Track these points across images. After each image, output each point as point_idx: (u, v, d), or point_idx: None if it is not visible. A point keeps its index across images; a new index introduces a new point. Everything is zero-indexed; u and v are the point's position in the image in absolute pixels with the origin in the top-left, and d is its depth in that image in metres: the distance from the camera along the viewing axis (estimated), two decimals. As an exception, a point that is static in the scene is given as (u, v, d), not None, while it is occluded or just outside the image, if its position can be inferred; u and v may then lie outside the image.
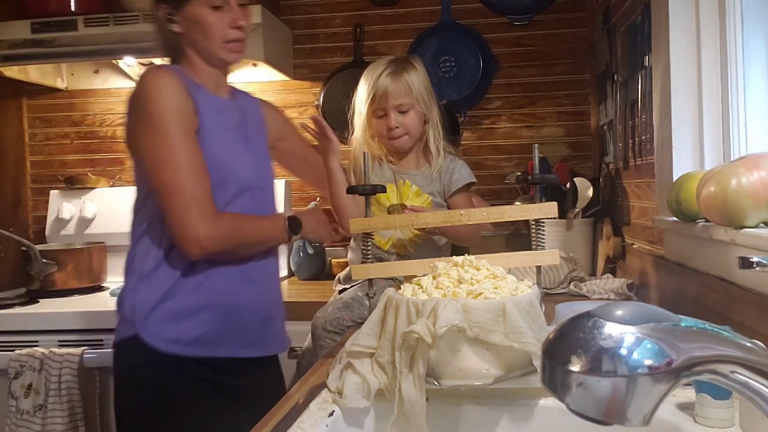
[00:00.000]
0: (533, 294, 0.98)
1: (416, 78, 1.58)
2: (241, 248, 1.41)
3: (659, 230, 1.53)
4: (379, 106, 1.60)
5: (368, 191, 1.16)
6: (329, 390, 1.00)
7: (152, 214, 1.39)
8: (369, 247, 1.17)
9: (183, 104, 1.34)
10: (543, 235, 1.14)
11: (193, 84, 1.41)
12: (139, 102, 1.35)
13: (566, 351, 0.45)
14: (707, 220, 1.16)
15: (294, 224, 1.46)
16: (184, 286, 1.38)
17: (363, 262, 1.18)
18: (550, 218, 1.63)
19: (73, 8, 2.34)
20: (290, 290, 2.31)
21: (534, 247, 1.14)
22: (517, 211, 1.13)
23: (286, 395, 1.05)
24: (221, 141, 1.41)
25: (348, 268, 1.65)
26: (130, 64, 2.57)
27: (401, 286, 1.05)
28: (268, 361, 1.53)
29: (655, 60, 1.54)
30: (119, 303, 1.44)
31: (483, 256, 1.09)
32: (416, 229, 1.54)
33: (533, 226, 1.14)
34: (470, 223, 1.16)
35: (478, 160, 2.63)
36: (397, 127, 1.60)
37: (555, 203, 1.14)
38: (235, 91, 1.57)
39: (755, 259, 0.77)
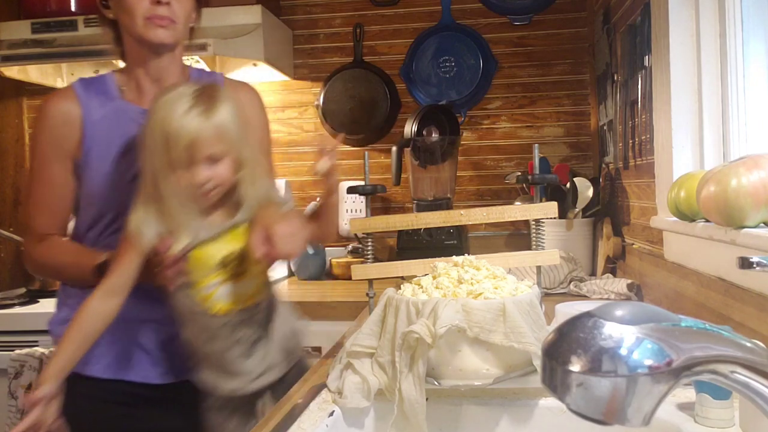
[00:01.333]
0: (533, 294, 0.98)
1: (229, 114, 1.15)
2: (61, 278, 1.40)
3: (659, 230, 1.53)
4: (182, 157, 1.13)
5: (368, 191, 1.16)
6: (329, 390, 1.00)
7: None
8: (369, 248, 1.17)
9: (59, 135, 1.30)
10: (543, 235, 1.14)
11: (105, 99, 1.31)
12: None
13: (566, 351, 0.45)
14: (707, 220, 1.16)
15: (105, 268, 1.23)
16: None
17: (363, 263, 1.18)
18: (550, 218, 1.64)
19: (73, 8, 2.34)
20: (290, 290, 2.31)
21: (534, 247, 1.14)
22: (517, 211, 1.13)
23: (286, 395, 1.05)
24: (117, 169, 1.28)
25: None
26: (130, 64, 2.57)
27: (401, 286, 1.05)
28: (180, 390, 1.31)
29: (655, 60, 1.54)
30: None
31: (483, 256, 1.09)
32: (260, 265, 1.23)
33: (533, 226, 1.14)
34: (470, 223, 1.16)
35: (478, 160, 2.63)
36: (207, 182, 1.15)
37: (555, 203, 1.14)
38: (196, 80, 1.37)
39: (755, 259, 0.77)
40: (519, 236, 2.55)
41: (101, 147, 1.29)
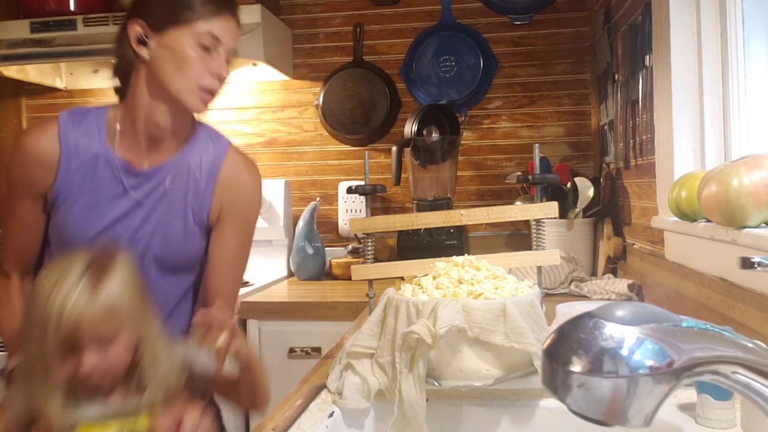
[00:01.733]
0: (534, 294, 0.98)
1: (120, 287, 0.95)
2: None
3: (660, 230, 1.53)
4: (64, 343, 0.91)
5: (368, 191, 1.16)
6: (329, 391, 1.00)
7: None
8: (369, 248, 1.16)
9: (32, 175, 1.23)
10: (543, 235, 1.14)
11: (88, 142, 1.22)
12: None
13: (567, 351, 0.45)
14: (708, 220, 1.16)
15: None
16: None
17: (363, 263, 1.18)
18: (551, 218, 1.63)
19: (72, 8, 2.34)
20: (290, 290, 2.31)
21: (534, 247, 1.13)
22: (518, 211, 1.13)
23: (286, 395, 1.04)
24: (85, 217, 1.22)
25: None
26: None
27: (401, 286, 1.05)
28: None
29: (656, 59, 1.54)
30: None
31: (483, 256, 1.09)
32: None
33: (533, 226, 1.14)
34: (470, 223, 1.16)
35: (478, 160, 2.63)
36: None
37: (555, 203, 1.13)
38: (193, 148, 1.27)
39: (756, 260, 0.76)
40: (519, 236, 2.55)
41: (71, 197, 1.23)
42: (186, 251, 1.29)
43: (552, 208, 1.13)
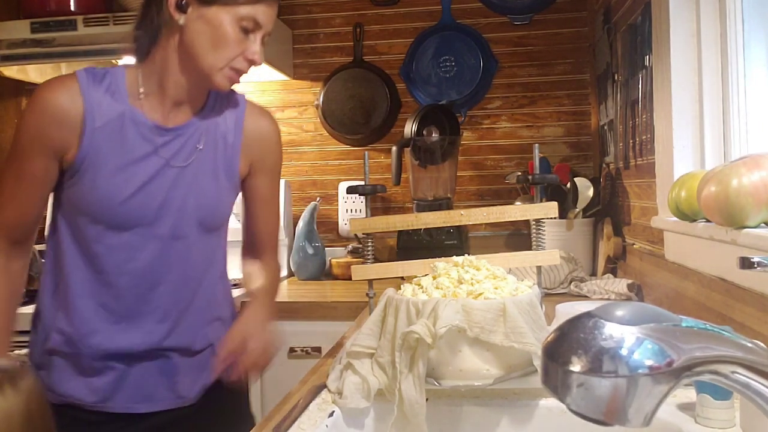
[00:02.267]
0: (533, 294, 0.98)
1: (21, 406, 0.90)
2: None
3: (660, 230, 1.53)
4: None
5: (368, 191, 1.16)
6: (329, 390, 1.00)
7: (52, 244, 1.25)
8: (369, 248, 1.17)
9: (48, 132, 1.15)
10: (543, 235, 1.14)
11: (112, 101, 1.18)
12: None
13: (567, 351, 0.45)
14: (708, 220, 1.16)
15: None
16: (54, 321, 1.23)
17: (363, 263, 1.18)
18: (551, 218, 1.63)
19: (72, 8, 2.34)
20: (290, 290, 2.31)
21: (534, 247, 1.13)
22: (518, 211, 1.13)
23: (286, 395, 1.04)
24: (113, 180, 1.17)
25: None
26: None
27: (401, 286, 1.05)
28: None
29: (655, 60, 1.54)
30: None
31: (483, 256, 1.09)
32: None
33: (533, 226, 1.14)
34: (470, 223, 1.16)
35: (478, 160, 2.63)
36: None
37: (555, 203, 1.14)
38: (213, 103, 1.27)
39: (756, 259, 0.76)
40: (519, 236, 2.55)
41: (97, 158, 1.16)
42: (219, 208, 1.29)
43: (552, 208, 1.13)
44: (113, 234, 1.18)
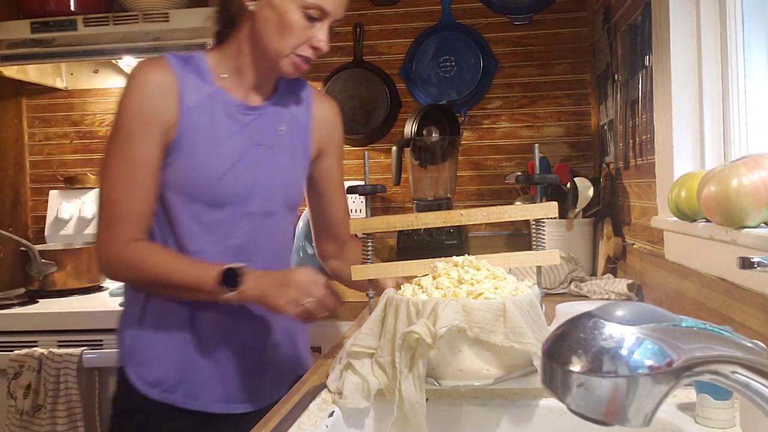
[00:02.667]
0: (533, 294, 0.98)
1: None
2: (150, 287, 1.21)
3: (660, 230, 1.53)
4: None
5: (368, 191, 1.16)
6: (329, 390, 1.00)
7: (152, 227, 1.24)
8: (369, 248, 1.16)
9: (152, 107, 1.16)
10: (543, 235, 1.13)
11: (200, 82, 1.21)
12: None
13: (567, 351, 0.45)
14: (708, 220, 1.16)
15: (231, 279, 1.13)
16: (173, 320, 1.24)
17: (363, 262, 1.18)
18: (551, 218, 1.63)
19: (72, 8, 2.34)
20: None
21: (534, 247, 1.13)
22: (517, 211, 1.12)
23: (286, 395, 1.04)
24: (209, 157, 1.20)
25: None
26: (130, 64, 2.57)
27: (401, 286, 1.05)
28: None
29: (655, 60, 1.54)
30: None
31: (483, 256, 1.09)
32: None
33: (533, 226, 1.14)
34: (470, 223, 1.15)
35: (478, 160, 2.63)
36: None
37: (555, 203, 1.13)
38: (283, 87, 1.33)
39: (756, 259, 0.76)
40: (519, 236, 2.55)
41: (194, 136, 1.19)
42: (300, 187, 1.37)
43: (552, 208, 1.13)
44: (210, 212, 1.21)
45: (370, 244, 1.16)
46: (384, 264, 1.17)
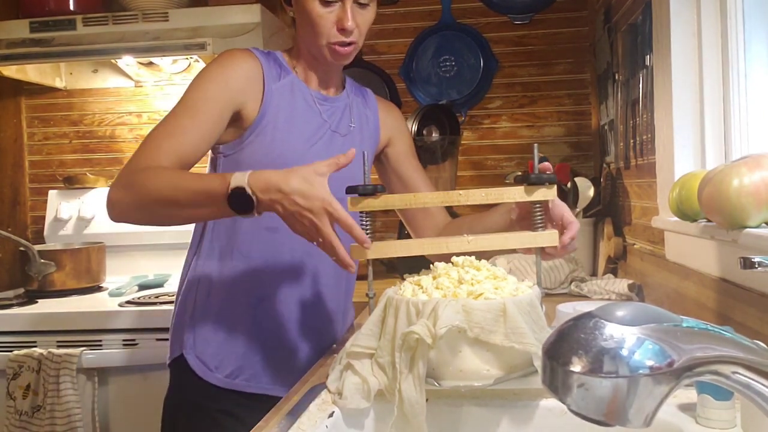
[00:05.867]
0: (534, 294, 0.97)
1: None
2: (156, 212, 1.13)
3: (660, 230, 1.53)
4: None
5: (368, 191, 1.15)
6: (329, 391, 0.99)
7: None
8: (367, 226, 1.14)
9: (238, 81, 1.22)
10: (542, 217, 1.12)
11: (280, 71, 1.31)
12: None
13: (567, 351, 0.45)
14: (709, 220, 1.16)
15: (240, 200, 1.04)
16: (240, 305, 1.30)
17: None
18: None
19: (71, 7, 2.34)
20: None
21: (534, 229, 1.12)
22: (516, 193, 1.12)
23: (285, 396, 1.04)
24: (289, 136, 1.28)
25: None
26: (129, 64, 2.57)
27: (401, 286, 1.04)
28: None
29: (656, 59, 1.54)
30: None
31: (481, 236, 1.09)
32: None
33: (533, 209, 1.13)
34: (468, 203, 1.14)
35: (478, 159, 2.63)
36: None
37: (554, 186, 1.12)
38: (350, 87, 1.44)
39: (757, 260, 0.76)
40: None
41: (276, 116, 1.27)
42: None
43: (550, 191, 1.12)
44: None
45: (368, 222, 1.13)
46: (405, 241, 1.17)
